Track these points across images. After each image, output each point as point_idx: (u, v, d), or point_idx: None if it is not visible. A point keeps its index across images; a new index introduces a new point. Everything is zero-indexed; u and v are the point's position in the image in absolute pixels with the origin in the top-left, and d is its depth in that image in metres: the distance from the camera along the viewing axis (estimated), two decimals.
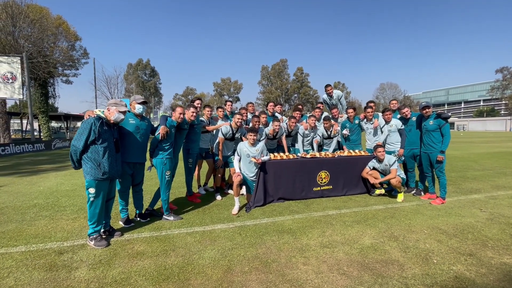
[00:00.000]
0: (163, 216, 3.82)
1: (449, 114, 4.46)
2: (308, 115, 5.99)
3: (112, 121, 3.05)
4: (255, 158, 4.34)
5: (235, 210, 4.11)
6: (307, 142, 5.74)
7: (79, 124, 48.65)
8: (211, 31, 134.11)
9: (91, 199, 2.94)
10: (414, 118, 4.89)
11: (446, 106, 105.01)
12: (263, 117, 5.35)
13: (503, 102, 72.09)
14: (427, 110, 4.50)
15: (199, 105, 4.84)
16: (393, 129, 5.05)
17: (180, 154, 4.40)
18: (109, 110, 3.04)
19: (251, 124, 5.06)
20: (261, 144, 4.54)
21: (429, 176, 4.73)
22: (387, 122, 5.12)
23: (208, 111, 5.05)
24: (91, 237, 3.00)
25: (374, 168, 4.92)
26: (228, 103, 6.06)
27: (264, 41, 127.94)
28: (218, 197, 4.90)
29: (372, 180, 4.78)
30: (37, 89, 24.38)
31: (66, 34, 29.90)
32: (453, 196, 4.92)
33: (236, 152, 4.52)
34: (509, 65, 64.93)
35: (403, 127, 4.97)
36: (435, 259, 2.66)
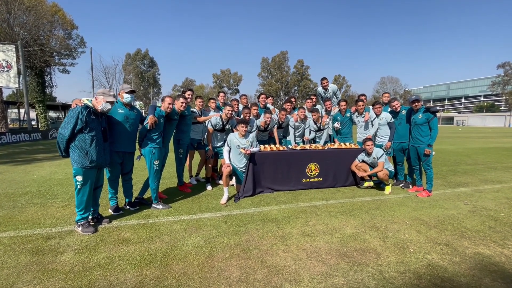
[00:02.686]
0: (152, 204, 3.89)
1: (438, 108, 4.47)
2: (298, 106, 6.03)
3: (99, 111, 3.07)
4: (244, 149, 4.38)
5: (223, 200, 4.18)
6: (299, 134, 5.78)
7: None
8: (211, 22, 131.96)
9: (79, 186, 2.99)
10: (404, 112, 4.91)
11: (446, 101, 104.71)
12: (254, 109, 5.36)
13: (504, 97, 71.83)
14: (416, 103, 4.52)
15: (190, 96, 4.84)
16: (383, 122, 5.08)
17: (171, 145, 4.45)
18: (96, 99, 3.06)
19: (242, 116, 5.08)
20: (251, 136, 4.57)
21: (417, 170, 4.79)
22: (377, 115, 5.15)
23: (199, 102, 5.06)
24: (78, 223, 3.06)
25: (363, 161, 4.98)
26: (221, 94, 6.06)
27: (265, 32, 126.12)
28: (209, 188, 4.96)
29: (360, 173, 4.84)
30: (33, 78, 24.18)
31: (62, 22, 29.46)
32: (440, 189, 5.00)
33: (226, 143, 4.56)
34: (511, 61, 64.51)
35: (392, 120, 5.00)
36: (412, 248, 2.74)
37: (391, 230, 3.19)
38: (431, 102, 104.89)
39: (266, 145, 5.00)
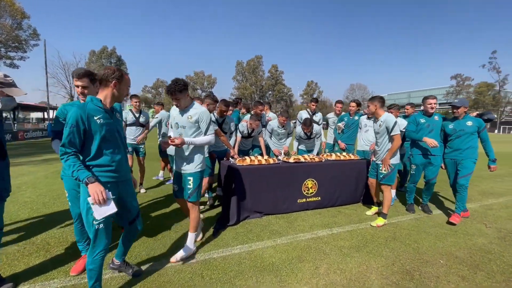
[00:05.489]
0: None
1: (494, 115, 3.68)
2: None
3: None
4: (170, 139, 2.48)
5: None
6: (280, 139, 5.06)
7: (32, 114, 42.67)
8: (184, 22, 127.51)
9: None
10: (437, 118, 4.00)
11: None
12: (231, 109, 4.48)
13: None
14: (457, 110, 3.75)
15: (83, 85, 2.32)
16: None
17: None
18: None
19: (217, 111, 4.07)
20: (196, 108, 2.60)
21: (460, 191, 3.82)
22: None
23: (135, 102, 4.58)
24: None
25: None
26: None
27: (239, 36, 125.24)
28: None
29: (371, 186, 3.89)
30: None
31: (10, 9, 25.98)
32: (449, 207, 4.42)
33: (164, 136, 2.89)
34: (462, 72, 71.25)
35: (404, 129, 4.24)
36: None
37: (429, 277, 2.38)
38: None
39: (253, 157, 4.01)
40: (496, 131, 52.60)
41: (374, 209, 3.98)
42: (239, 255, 2.69)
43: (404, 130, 4.19)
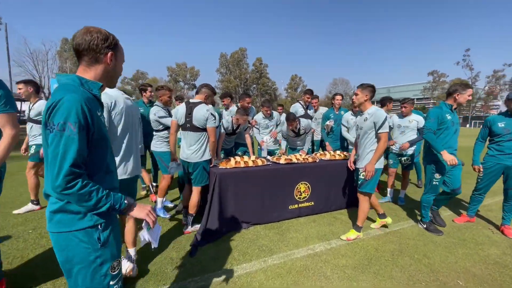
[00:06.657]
0: None
1: None
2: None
3: None
4: None
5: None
6: (270, 130, 4.68)
7: None
8: (166, 11, 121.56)
9: None
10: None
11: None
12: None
13: (432, 101, 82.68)
14: None
15: None
16: (412, 126, 4.12)
17: None
18: None
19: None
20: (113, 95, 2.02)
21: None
22: (403, 116, 4.26)
23: (20, 89, 3.45)
24: None
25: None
26: (149, 88, 4.28)
27: (223, 28, 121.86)
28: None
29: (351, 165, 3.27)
30: None
31: None
32: (453, 208, 4.15)
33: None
34: (438, 69, 74.24)
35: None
36: None
37: None
38: (375, 103, 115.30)
39: (238, 158, 3.45)
40: (468, 125, 55.52)
41: (379, 221, 3.34)
42: (221, 286, 2.15)
43: (423, 127, 3.79)
